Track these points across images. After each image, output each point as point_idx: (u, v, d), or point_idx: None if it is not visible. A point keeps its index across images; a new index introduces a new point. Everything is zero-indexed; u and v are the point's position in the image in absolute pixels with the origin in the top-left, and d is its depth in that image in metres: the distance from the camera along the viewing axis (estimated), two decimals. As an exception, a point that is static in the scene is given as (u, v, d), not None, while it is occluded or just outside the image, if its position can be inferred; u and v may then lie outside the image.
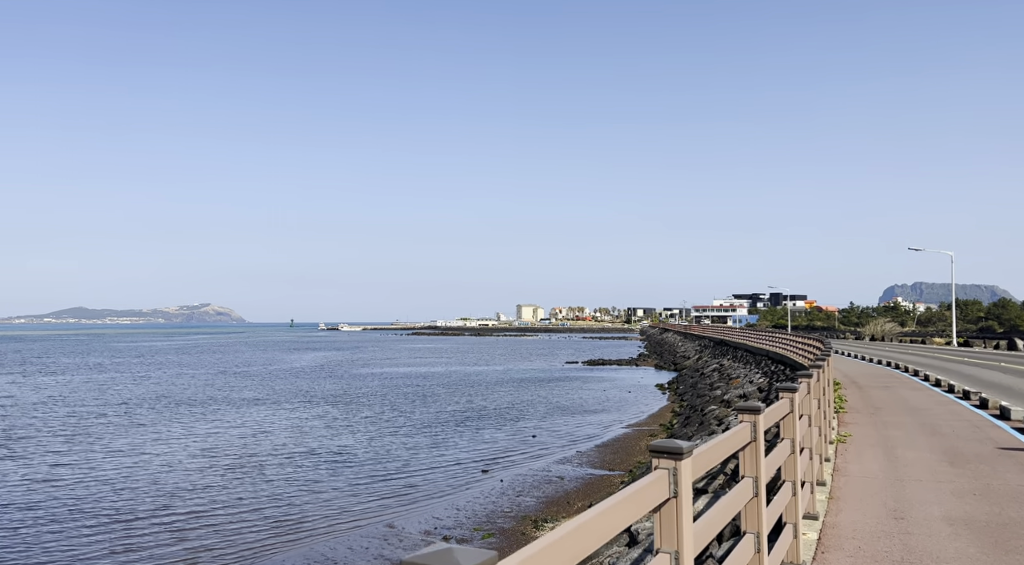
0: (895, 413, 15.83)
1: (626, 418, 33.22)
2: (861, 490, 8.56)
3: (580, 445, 25.90)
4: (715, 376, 42.23)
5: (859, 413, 15.70)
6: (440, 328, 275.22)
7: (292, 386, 47.38)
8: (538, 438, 27.35)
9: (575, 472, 21.15)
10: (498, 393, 43.34)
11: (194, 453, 23.46)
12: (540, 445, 25.76)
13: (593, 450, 24.85)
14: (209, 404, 36.88)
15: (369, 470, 21.17)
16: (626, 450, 24.76)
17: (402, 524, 15.81)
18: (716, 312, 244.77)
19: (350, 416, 32.53)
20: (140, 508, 16.72)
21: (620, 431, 29.40)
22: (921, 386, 22.52)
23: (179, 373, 59.43)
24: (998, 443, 11.77)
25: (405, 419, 31.64)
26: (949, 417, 15.20)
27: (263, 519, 15.67)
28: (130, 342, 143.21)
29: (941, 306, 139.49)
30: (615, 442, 26.56)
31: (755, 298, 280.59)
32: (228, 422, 30.54)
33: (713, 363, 51.25)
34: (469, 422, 30.93)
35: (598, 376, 57.85)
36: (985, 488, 8.65)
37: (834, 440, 11.45)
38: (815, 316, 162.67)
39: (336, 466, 21.71)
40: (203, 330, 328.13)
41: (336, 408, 35.41)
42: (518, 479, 20.28)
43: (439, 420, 31.40)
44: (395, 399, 39.54)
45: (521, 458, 23.40)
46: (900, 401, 18.23)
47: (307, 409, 34.92)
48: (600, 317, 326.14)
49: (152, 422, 30.52)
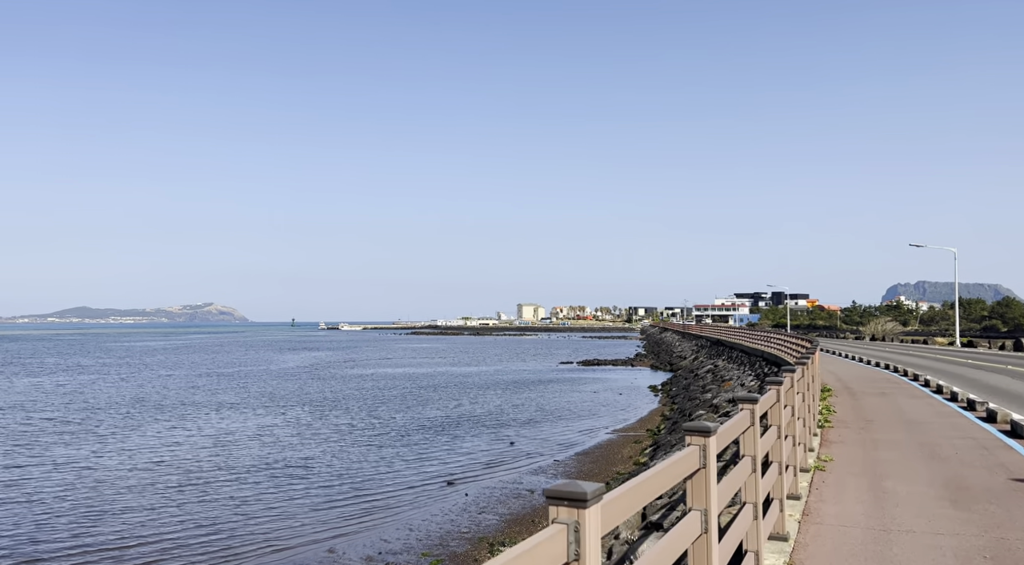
0: (889, 428, 13.84)
1: (613, 423, 31.67)
2: (832, 552, 6.16)
3: (559, 453, 24.35)
4: (708, 377, 40.71)
5: (847, 428, 13.76)
6: (440, 327, 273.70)
7: (271, 389, 45.80)
8: (516, 445, 25.80)
9: (547, 484, 19.58)
10: (484, 396, 41.77)
11: (138, 466, 21.87)
12: (516, 454, 24.20)
13: (572, 459, 23.28)
14: (177, 409, 35.32)
15: (325, 485, 19.60)
16: (607, 459, 23.20)
17: (344, 548, 14.24)
18: (717, 311, 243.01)
19: (322, 422, 30.96)
20: (46, 537, 15.11)
21: (604, 437, 27.84)
22: (921, 393, 20.57)
23: (160, 375, 57.90)
24: (1011, 471, 9.57)
25: (380, 425, 30.08)
26: (952, 433, 13.24)
27: (182, 547, 14.08)
28: (125, 342, 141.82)
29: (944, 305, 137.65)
30: (597, 450, 25.00)
31: (757, 297, 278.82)
32: (190, 430, 28.97)
33: (708, 364, 49.69)
34: (447, 428, 29.37)
35: (591, 377, 56.28)
36: (998, 546, 6.33)
37: (811, 467, 9.40)
38: (817, 315, 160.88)
39: (291, 481, 20.13)
40: (203, 330, 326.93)
41: (310, 413, 33.84)
42: (485, 493, 18.73)
43: (415, 426, 29.84)
44: (375, 403, 37.98)
45: (493, 469, 21.84)
46: (896, 412, 16.18)
47: (279, 414, 33.35)
48: (601, 316, 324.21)
49: (109, 430, 28.97)
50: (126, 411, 34.44)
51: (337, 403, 37.67)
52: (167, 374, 58.63)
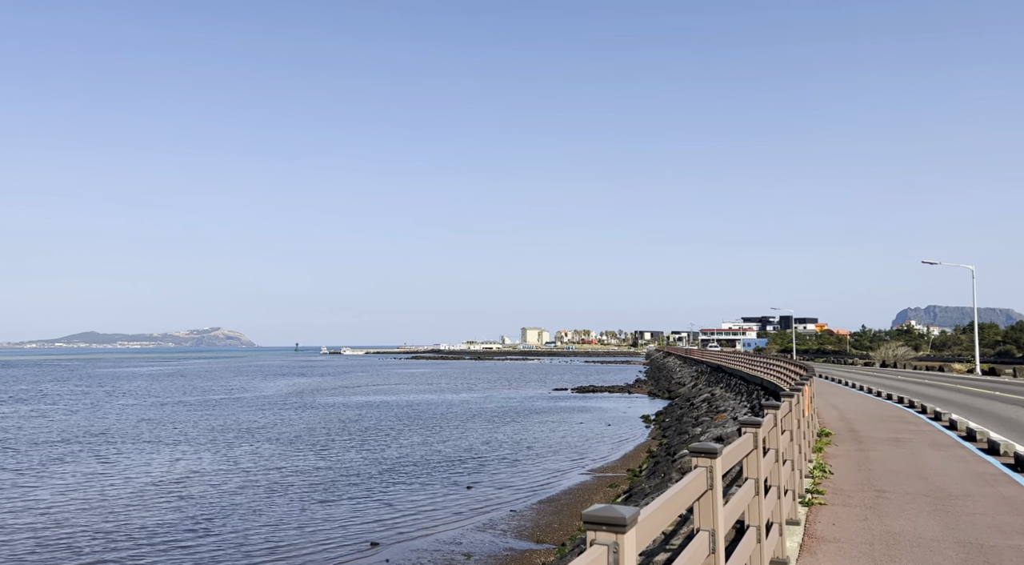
0: (910, 508, 9.11)
1: (593, 461, 28.28)
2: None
3: (520, 501, 20.97)
4: (704, 407, 37.36)
5: (848, 506, 9.18)
6: (442, 352, 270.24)
7: (227, 421, 42.16)
8: (474, 491, 22.43)
9: (491, 546, 16.21)
10: (459, 430, 38.34)
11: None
12: (470, 502, 20.81)
13: (531, 509, 19.88)
14: (100, 447, 31.81)
15: (221, 549, 16.22)
16: (572, 509, 19.81)
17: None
18: (724, 335, 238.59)
19: (260, 463, 27.55)
20: None
21: (578, 479, 24.45)
22: (947, 440, 15.77)
23: (121, 405, 54.51)
24: None
25: (325, 467, 26.67)
26: (1005, 514, 8.68)
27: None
28: (116, 368, 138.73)
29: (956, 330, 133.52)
30: (564, 496, 21.60)
31: (765, 321, 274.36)
32: (88, 473, 25.53)
33: (705, 392, 46.27)
34: (402, 470, 25.97)
35: (583, 406, 52.80)
36: None
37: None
38: (826, 340, 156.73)
39: (182, 545, 16.76)
40: (206, 355, 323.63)
41: (252, 452, 30.31)
42: (410, 558, 15.37)
43: (366, 468, 26.43)
44: (333, 438, 34.53)
45: (433, 522, 18.45)
46: (918, 475, 11.46)
47: (215, 454, 29.75)
48: (607, 340, 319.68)
49: (16, 470, 25.70)
50: (50, 448, 31.17)
51: (291, 439, 34.17)
52: (131, 404, 55.37)
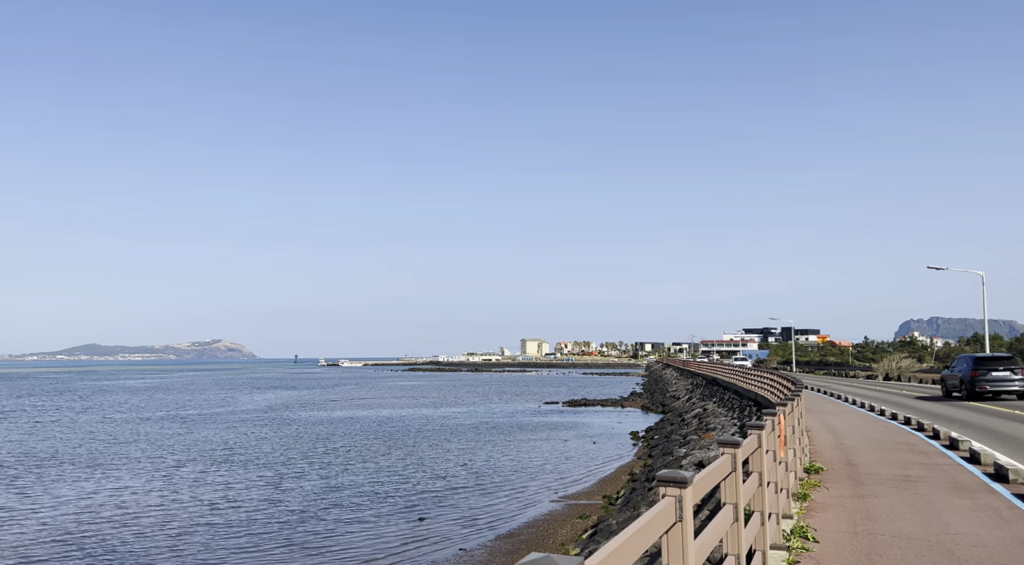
0: None
1: (567, 484, 25.94)
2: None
3: (475, 536, 18.66)
4: (694, 423, 35.06)
5: None
6: (440, 363, 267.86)
7: (184, 440, 39.31)
8: (427, 522, 20.12)
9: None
10: (434, 448, 35.98)
11: None
12: (416, 538, 18.48)
13: (484, 548, 17.54)
14: (60, 466, 29.69)
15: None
16: (531, 546, 17.50)
17: None
18: (725, 347, 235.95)
19: (198, 490, 25.20)
20: None
21: (548, 507, 22.12)
22: (969, 479, 11.93)
23: (97, 418, 52.34)
24: None
25: (274, 495, 24.33)
26: None
27: None
28: (105, 381, 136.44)
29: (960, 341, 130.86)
30: (526, 530, 19.26)
31: (766, 332, 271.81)
32: (36, 498, 23.36)
33: (697, 407, 43.95)
34: (354, 497, 23.65)
35: (572, 421, 50.44)
36: None
37: None
38: (828, 351, 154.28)
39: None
40: (204, 367, 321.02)
41: (188, 477, 27.43)
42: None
43: (316, 496, 24.08)
44: (290, 461, 32.07)
45: (369, 565, 16.12)
46: (938, 543, 7.73)
47: (139, 478, 27.13)
48: (607, 352, 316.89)
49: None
50: None
51: (243, 462, 31.60)
52: (109, 417, 53.18)
